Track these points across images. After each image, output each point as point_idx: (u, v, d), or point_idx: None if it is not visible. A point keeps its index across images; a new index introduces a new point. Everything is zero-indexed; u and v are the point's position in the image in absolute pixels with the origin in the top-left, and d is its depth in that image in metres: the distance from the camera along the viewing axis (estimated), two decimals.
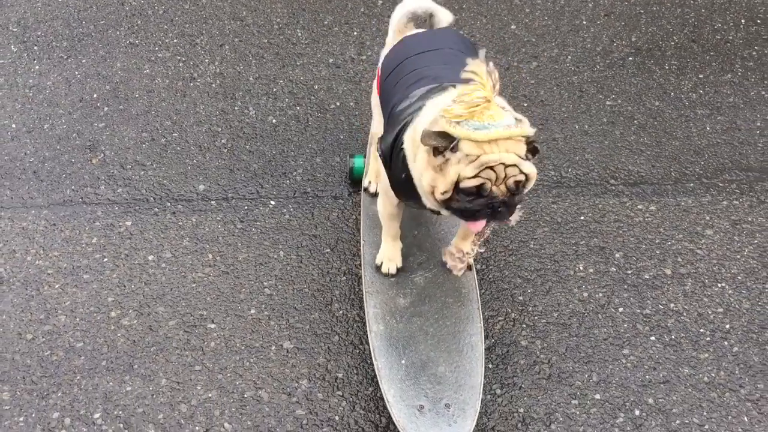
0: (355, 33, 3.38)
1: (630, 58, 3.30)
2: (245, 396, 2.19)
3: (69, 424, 2.13)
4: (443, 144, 1.69)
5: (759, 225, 2.66)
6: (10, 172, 2.78)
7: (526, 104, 3.09)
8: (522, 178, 1.73)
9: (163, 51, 3.28)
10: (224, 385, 2.21)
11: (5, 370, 2.23)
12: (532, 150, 1.74)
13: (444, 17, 2.35)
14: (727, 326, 2.38)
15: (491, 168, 1.69)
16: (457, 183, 1.72)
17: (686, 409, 2.19)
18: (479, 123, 1.67)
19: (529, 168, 1.74)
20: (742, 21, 3.48)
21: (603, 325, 2.38)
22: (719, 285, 2.49)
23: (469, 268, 2.31)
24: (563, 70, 3.24)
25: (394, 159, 1.93)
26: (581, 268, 2.53)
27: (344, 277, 2.49)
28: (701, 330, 2.37)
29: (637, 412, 2.18)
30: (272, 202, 2.71)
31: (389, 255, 2.31)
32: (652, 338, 2.35)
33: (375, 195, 2.51)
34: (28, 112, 3.00)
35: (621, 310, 2.42)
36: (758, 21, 3.48)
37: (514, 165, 1.70)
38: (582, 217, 2.68)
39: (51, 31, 3.36)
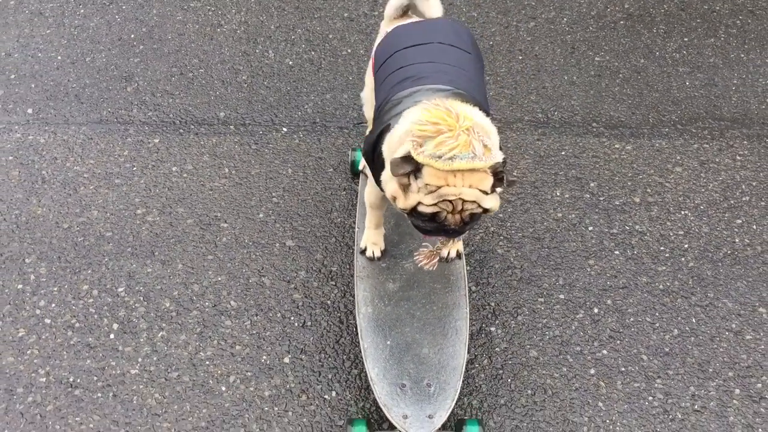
0: None
1: (621, 22, 3.57)
2: (250, 281, 2.50)
3: (96, 294, 2.45)
4: (407, 169, 1.72)
5: (725, 165, 2.91)
6: (54, 95, 3.14)
7: (521, 57, 3.37)
8: (479, 211, 1.76)
9: (195, 1, 3.62)
10: (232, 271, 2.52)
11: (43, 250, 2.56)
12: (501, 179, 1.73)
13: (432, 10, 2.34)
14: (686, 246, 2.63)
15: (449, 200, 1.73)
16: (416, 206, 1.77)
17: (640, 309, 2.44)
18: (443, 152, 1.68)
19: (490, 203, 1.76)
20: None
21: (573, 240, 2.64)
22: (682, 212, 2.74)
23: (459, 256, 2.36)
24: (558, 30, 3.52)
25: (376, 159, 1.99)
26: (558, 193, 2.80)
27: (344, 192, 2.79)
28: (662, 248, 2.62)
29: (595, 310, 2.44)
30: (284, 129, 3.02)
31: (373, 240, 2.36)
32: (617, 252, 2.60)
33: None
34: (72, 47, 3.36)
35: (591, 228, 2.68)
36: None
37: (474, 201, 1.73)
38: (563, 152, 2.95)
39: None
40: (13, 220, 2.65)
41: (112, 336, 2.34)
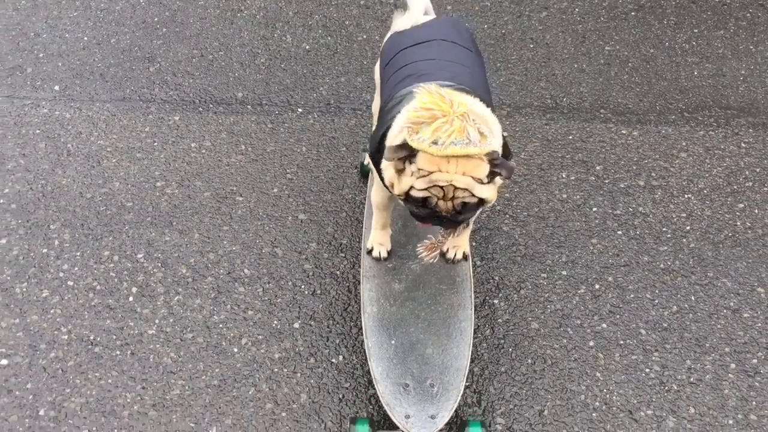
0: None
1: (632, 13, 3.63)
2: (263, 251, 2.60)
3: (117, 260, 2.56)
4: (401, 154, 1.74)
5: (730, 152, 2.97)
6: (80, 74, 3.26)
7: (532, 45, 3.45)
8: (472, 200, 1.76)
9: None
10: (246, 242, 2.62)
11: (68, 218, 2.68)
12: (498, 166, 1.73)
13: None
14: (688, 228, 2.69)
15: (440, 186, 1.74)
16: (408, 190, 1.80)
17: (641, 286, 2.51)
18: (438, 137, 1.69)
19: (485, 192, 1.75)
20: None
21: (577, 220, 2.71)
22: (686, 196, 2.80)
23: (465, 257, 2.36)
24: (569, 20, 3.59)
25: (379, 158, 1.99)
26: (564, 175, 2.87)
27: (355, 170, 2.88)
28: (664, 229, 2.69)
29: (597, 286, 2.51)
30: (299, 109, 3.12)
31: (379, 240, 2.38)
32: (619, 232, 2.67)
33: None
34: (98, 29, 3.49)
35: (594, 209, 2.75)
36: None
37: (465, 188, 1.73)
38: (570, 137, 3.02)
39: None
40: (39, 189, 2.77)
41: (131, 298, 2.45)
